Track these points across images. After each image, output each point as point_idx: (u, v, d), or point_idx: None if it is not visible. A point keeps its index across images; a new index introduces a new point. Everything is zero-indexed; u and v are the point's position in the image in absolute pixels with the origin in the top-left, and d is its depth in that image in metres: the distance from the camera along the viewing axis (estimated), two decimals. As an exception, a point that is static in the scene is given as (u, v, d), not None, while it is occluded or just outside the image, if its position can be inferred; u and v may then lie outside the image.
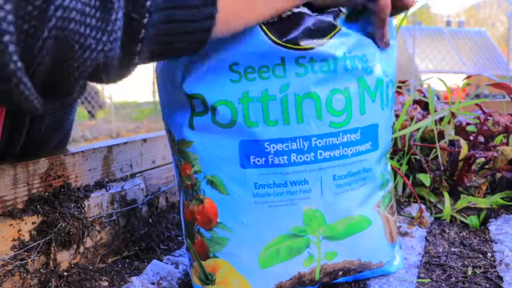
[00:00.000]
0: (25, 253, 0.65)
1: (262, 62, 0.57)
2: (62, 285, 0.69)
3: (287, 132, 0.58)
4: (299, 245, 0.61)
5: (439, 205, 1.07)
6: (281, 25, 0.56)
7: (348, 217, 0.63)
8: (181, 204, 0.65)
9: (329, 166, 0.60)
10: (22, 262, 0.64)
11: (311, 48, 0.57)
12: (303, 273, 0.62)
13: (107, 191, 0.80)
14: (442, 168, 1.12)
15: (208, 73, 0.57)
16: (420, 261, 0.80)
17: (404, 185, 1.14)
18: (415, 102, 1.44)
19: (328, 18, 0.58)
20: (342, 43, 0.59)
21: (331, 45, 0.58)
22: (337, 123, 0.59)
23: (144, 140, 0.94)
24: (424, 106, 1.45)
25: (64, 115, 0.86)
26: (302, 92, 0.57)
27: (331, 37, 0.58)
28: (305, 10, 0.57)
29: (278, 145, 0.58)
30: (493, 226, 0.94)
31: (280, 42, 0.56)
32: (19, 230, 0.65)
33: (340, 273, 0.65)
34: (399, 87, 1.51)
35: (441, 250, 0.85)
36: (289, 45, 0.56)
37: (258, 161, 0.59)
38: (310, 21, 0.57)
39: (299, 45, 0.56)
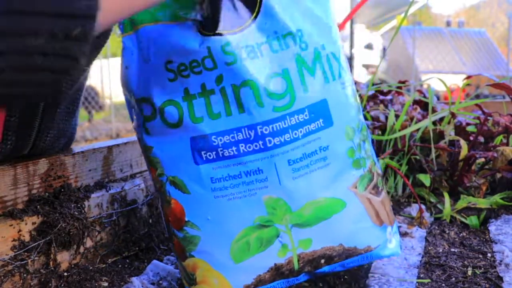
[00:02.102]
0: (25, 253, 0.65)
1: (191, 57, 0.56)
2: (62, 285, 0.69)
3: (230, 123, 0.57)
4: (268, 235, 0.60)
5: (439, 206, 1.07)
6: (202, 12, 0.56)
7: (313, 200, 0.60)
8: (160, 207, 0.66)
9: (281, 152, 0.58)
10: (22, 262, 0.64)
11: (234, 33, 0.56)
12: (280, 264, 0.61)
13: (107, 191, 0.80)
14: (441, 168, 1.12)
15: (152, 75, 0.58)
16: (420, 261, 0.80)
17: (404, 185, 1.14)
18: (415, 102, 1.44)
19: None
20: (265, 25, 0.58)
21: (253, 29, 0.57)
22: (280, 107, 0.58)
23: (144, 141, 0.94)
24: (424, 106, 1.45)
25: (67, 121, 0.86)
26: (238, 81, 0.57)
27: (253, 20, 0.57)
28: None
29: (224, 137, 0.58)
30: (493, 227, 0.94)
31: (202, 31, 0.55)
32: (19, 231, 0.65)
33: (322, 261, 0.62)
34: (399, 87, 1.51)
35: (441, 250, 0.85)
36: (211, 33, 0.55)
37: (210, 155, 0.59)
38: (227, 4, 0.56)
39: (220, 32, 0.55)
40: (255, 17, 0.57)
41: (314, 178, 0.60)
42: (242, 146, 0.58)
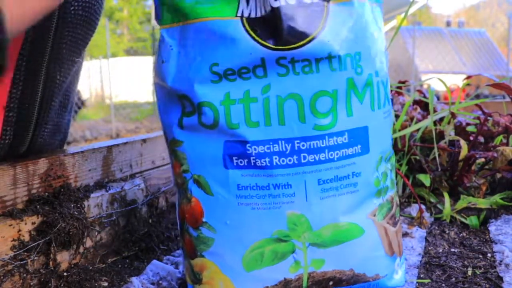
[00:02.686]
0: (25, 253, 0.65)
1: (241, 63, 0.56)
2: (62, 285, 0.69)
3: (268, 133, 0.57)
4: (283, 249, 0.59)
5: (439, 206, 1.07)
6: (262, 22, 0.55)
7: (335, 223, 0.60)
8: (177, 201, 0.65)
9: (314, 170, 0.58)
10: (22, 262, 0.64)
11: (292, 49, 0.55)
12: (289, 279, 0.60)
13: (107, 191, 0.80)
14: (441, 169, 1.12)
15: (193, 74, 0.57)
16: (420, 261, 0.80)
17: (404, 186, 1.14)
18: (415, 102, 1.44)
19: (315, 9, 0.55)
20: (327, 43, 0.56)
21: (314, 45, 0.55)
22: (321, 125, 0.57)
23: (144, 141, 0.94)
24: (424, 106, 1.45)
25: (61, 116, 0.87)
26: (284, 94, 0.56)
27: (315, 36, 0.55)
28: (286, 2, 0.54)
29: (259, 146, 0.57)
30: (493, 227, 0.94)
31: (260, 41, 0.55)
32: (19, 230, 0.65)
33: (331, 283, 0.61)
34: (399, 87, 1.51)
35: (441, 250, 0.85)
36: (269, 45, 0.55)
37: (241, 162, 0.58)
38: (291, 18, 0.55)
39: (279, 45, 0.55)
40: (318, 33, 0.55)
41: (340, 201, 0.60)
42: (275, 158, 0.57)
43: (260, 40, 0.55)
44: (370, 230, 0.62)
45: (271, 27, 0.55)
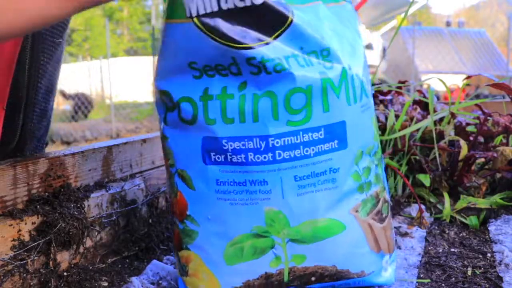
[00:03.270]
0: (25, 253, 0.65)
1: (216, 61, 0.57)
2: (62, 285, 0.69)
3: (243, 130, 0.58)
4: (263, 245, 0.60)
5: (439, 206, 1.07)
6: (227, 23, 0.55)
7: (314, 220, 0.60)
8: (168, 195, 0.68)
9: (290, 166, 0.58)
10: (22, 262, 0.64)
11: (256, 47, 0.55)
12: (270, 273, 0.61)
13: (107, 191, 0.80)
14: (441, 169, 1.12)
15: (173, 70, 0.59)
16: (420, 261, 0.80)
17: (404, 186, 1.14)
18: (415, 102, 1.44)
19: (279, 7, 0.55)
20: (293, 39, 0.57)
21: (281, 43, 0.56)
22: (295, 121, 0.58)
23: (144, 141, 0.94)
24: (424, 106, 1.45)
25: (47, 101, 0.89)
26: (260, 92, 0.57)
27: (280, 33, 0.56)
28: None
29: (235, 143, 0.58)
30: (493, 227, 0.94)
31: (226, 43, 0.55)
32: (19, 230, 0.65)
33: (313, 278, 0.62)
34: (399, 87, 1.51)
35: (441, 250, 0.85)
36: (236, 45, 0.55)
37: (218, 158, 0.59)
38: (256, 16, 0.55)
39: (246, 44, 0.55)
40: (283, 31, 0.57)
41: (318, 197, 0.60)
42: (251, 155, 0.58)
43: (220, 40, 0.55)
44: (353, 226, 0.62)
45: (242, 23, 0.55)
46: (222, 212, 0.60)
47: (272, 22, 0.56)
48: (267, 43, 0.56)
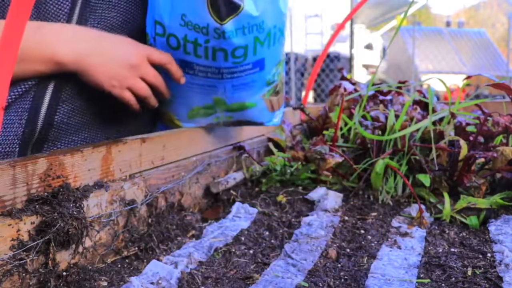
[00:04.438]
0: (24, 253, 0.64)
1: (197, 22, 0.93)
2: (61, 285, 0.69)
3: (207, 62, 0.99)
4: (210, 111, 1.10)
5: (439, 206, 1.07)
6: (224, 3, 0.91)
7: (240, 102, 1.08)
8: None
9: (230, 80, 1.02)
10: (21, 262, 0.64)
11: (222, 24, 0.92)
12: (213, 123, 1.14)
13: (106, 191, 0.80)
14: (441, 169, 1.12)
15: (169, 14, 0.95)
16: (420, 261, 0.80)
17: (404, 185, 1.14)
18: (415, 102, 1.44)
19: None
20: (242, 19, 0.93)
21: (232, 23, 0.92)
22: (237, 62, 0.99)
23: (143, 140, 0.94)
24: (424, 106, 1.45)
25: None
26: (217, 47, 0.96)
27: (236, 15, 0.92)
28: None
29: (201, 67, 1.01)
30: (493, 227, 0.94)
31: (212, 14, 0.91)
32: (18, 230, 0.64)
33: (236, 123, 1.15)
34: (399, 87, 1.50)
35: (441, 250, 0.85)
36: (215, 18, 0.92)
37: (191, 71, 1.02)
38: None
39: (219, 20, 0.92)
40: (237, 14, 0.92)
41: (244, 93, 1.06)
42: (210, 74, 1.01)
43: (212, 14, 0.91)
44: (260, 103, 1.10)
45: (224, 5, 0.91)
46: (188, 94, 1.06)
47: (232, 9, 0.91)
48: (227, 21, 0.92)
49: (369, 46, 11.96)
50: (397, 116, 1.26)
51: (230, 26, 0.92)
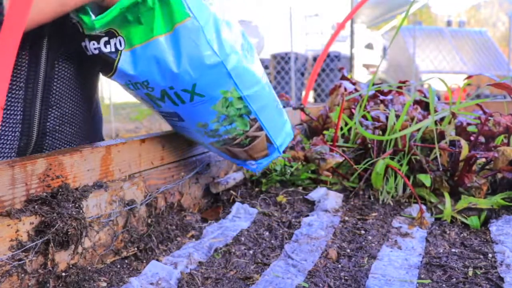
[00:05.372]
0: (23, 253, 0.64)
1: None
2: (60, 285, 0.68)
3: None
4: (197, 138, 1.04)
5: (439, 206, 1.06)
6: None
7: (187, 136, 1.03)
8: None
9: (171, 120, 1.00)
10: (20, 262, 0.64)
11: (110, 78, 0.90)
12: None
13: (105, 191, 0.80)
14: (441, 169, 1.12)
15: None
16: (421, 261, 0.80)
17: (405, 186, 1.14)
18: (416, 102, 1.44)
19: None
20: (122, 77, 0.89)
21: (116, 79, 0.90)
22: (158, 106, 0.94)
23: (143, 141, 0.93)
24: (425, 106, 1.44)
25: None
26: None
27: (113, 73, 0.88)
28: None
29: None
30: (494, 227, 0.94)
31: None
32: (17, 231, 0.64)
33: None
34: (399, 87, 1.50)
35: (441, 250, 0.85)
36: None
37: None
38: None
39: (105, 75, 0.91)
40: (115, 71, 0.87)
41: (188, 131, 0.98)
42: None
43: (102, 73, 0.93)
44: (211, 148, 1.03)
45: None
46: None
47: (110, 68, 0.87)
48: (111, 77, 0.89)
49: (369, 46, 11.95)
50: (397, 116, 1.25)
51: (118, 80, 0.89)
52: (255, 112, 0.95)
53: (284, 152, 1.34)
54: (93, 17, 0.83)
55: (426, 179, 1.08)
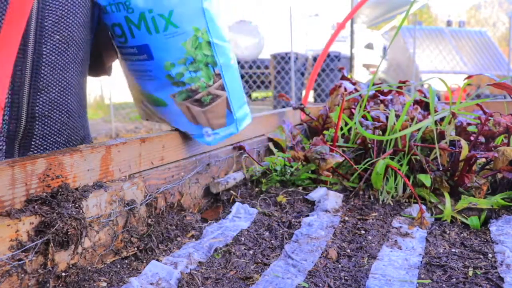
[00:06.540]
0: (23, 253, 0.64)
1: None
2: (60, 285, 0.68)
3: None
4: (139, 99, 1.09)
5: (439, 206, 1.06)
6: None
7: (149, 93, 1.03)
8: None
9: (128, 64, 1.03)
10: (20, 262, 0.64)
11: None
12: (149, 113, 1.13)
13: (105, 191, 0.80)
14: (442, 169, 1.12)
15: None
16: (421, 262, 0.80)
17: (405, 186, 1.14)
18: (416, 102, 1.44)
19: None
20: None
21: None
22: (121, 41, 0.99)
23: (143, 141, 0.93)
24: (425, 106, 1.44)
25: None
26: (107, 23, 1.00)
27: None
28: None
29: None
30: (494, 227, 0.94)
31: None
32: (17, 231, 0.64)
33: (163, 121, 1.10)
34: (399, 87, 1.50)
35: (441, 250, 0.85)
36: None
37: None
38: None
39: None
40: None
41: (145, 82, 1.02)
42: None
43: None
44: (172, 105, 1.02)
45: None
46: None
47: None
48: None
49: (369, 46, 11.96)
50: (397, 116, 1.25)
51: (99, 1, 0.96)
52: (220, 66, 0.99)
53: (283, 151, 1.33)
54: None
55: (426, 179, 1.08)
